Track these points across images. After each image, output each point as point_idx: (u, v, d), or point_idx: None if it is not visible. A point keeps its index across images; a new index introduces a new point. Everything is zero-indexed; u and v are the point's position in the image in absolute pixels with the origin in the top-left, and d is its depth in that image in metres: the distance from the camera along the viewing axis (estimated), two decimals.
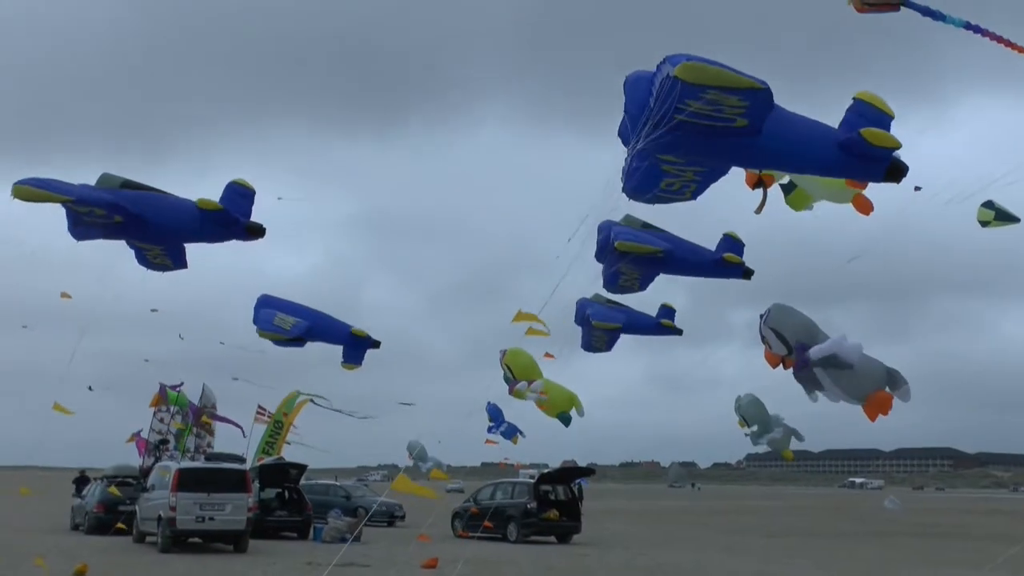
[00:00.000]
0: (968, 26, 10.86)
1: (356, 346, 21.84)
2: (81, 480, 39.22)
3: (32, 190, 15.76)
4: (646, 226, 19.40)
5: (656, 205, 13.93)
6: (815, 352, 14.78)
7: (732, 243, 19.47)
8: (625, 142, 12.75)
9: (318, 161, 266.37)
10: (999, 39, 10.75)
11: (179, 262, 18.23)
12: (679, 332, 22.90)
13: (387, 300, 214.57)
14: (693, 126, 11.54)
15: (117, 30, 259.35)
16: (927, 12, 10.91)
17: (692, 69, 11.17)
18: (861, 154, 12.16)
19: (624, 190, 13.26)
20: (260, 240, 17.62)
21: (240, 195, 17.25)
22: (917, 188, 16.50)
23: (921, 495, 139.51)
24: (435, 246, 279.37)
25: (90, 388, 34.09)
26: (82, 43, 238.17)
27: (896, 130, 12.34)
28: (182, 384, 41.49)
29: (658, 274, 19.96)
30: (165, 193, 17.24)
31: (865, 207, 16.33)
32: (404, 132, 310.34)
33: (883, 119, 12.69)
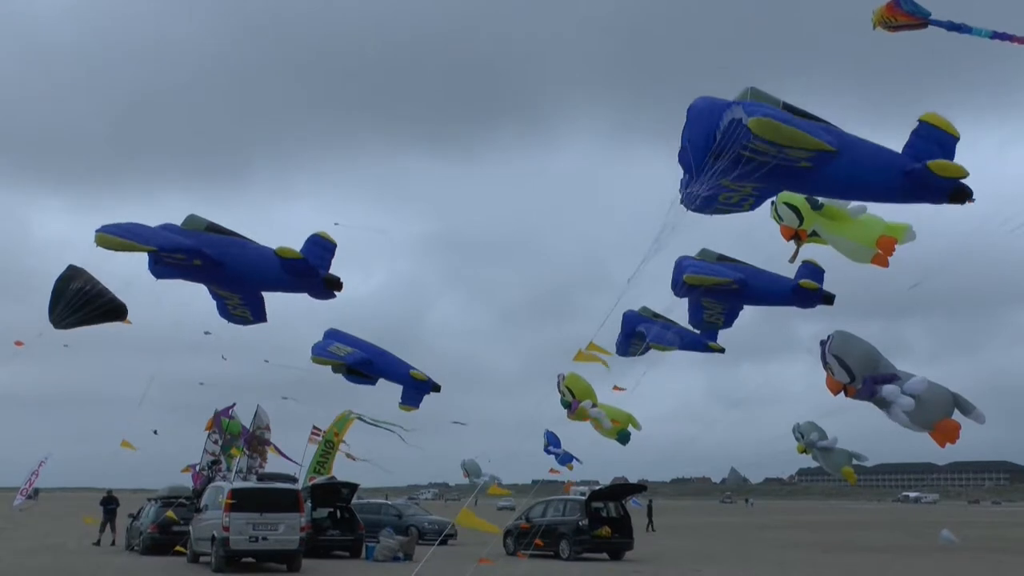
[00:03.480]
0: (995, 35, 10.91)
1: (416, 388, 21.94)
2: (108, 500, 39.03)
3: (115, 239, 15.72)
4: (721, 258, 19.39)
5: (715, 216, 14.04)
6: (887, 393, 14.65)
7: (812, 270, 19.36)
8: (686, 169, 12.87)
9: (398, 179, 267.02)
10: None
11: (259, 315, 18.32)
12: (721, 351, 22.80)
13: (454, 320, 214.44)
14: (757, 162, 11.72)
15: (198, 49, 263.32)
16: (953, 27, 11.06)
17: (767, 127, 11.31)
18: (928, 184, 12.21)
19: (682, 202, 13.38)
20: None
21: (321, 247, 17.34)
22: (971, 200, 16.39)
23: (977, 509, 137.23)
24: (508, 265, 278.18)
25: (155, 432, 34.57)
26: (164, 63, 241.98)
27: (979, 143, 12.43)
28: (234, 405, 41.90)
29: (741, 307, 19.97)
30: (248, 240, 17.35)
31: (883, 263, 16.53)
32: (487, 151, 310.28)
33: (949, 141, 12.66)
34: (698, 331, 21.11)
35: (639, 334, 21.57)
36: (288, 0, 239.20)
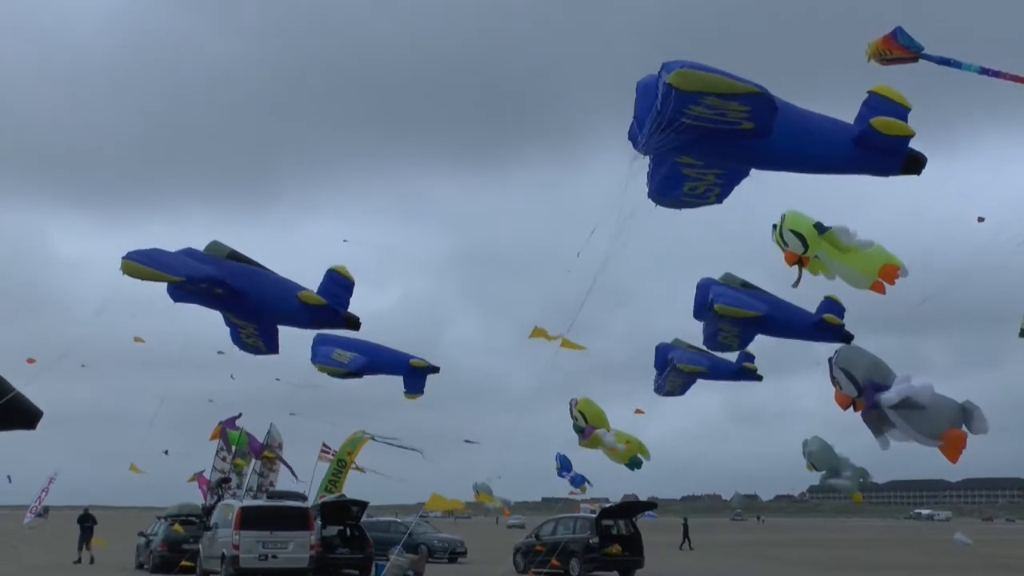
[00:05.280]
0: (983, 71, 11.06)
1: (416, 375, 21.94)
2: (84, 518, 38.54)
3: (142, 268, 15.57)
4: (745, 285, 19.31)
5: (683, 210, 13.92)
6: (886, 400, 14.55)
7: (832, 305, 19.32)
8: (635, 144, 12.85)
9: (421, 197, 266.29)
10: (1016, 79, 10.99)
11: (272, 346, 18.24)
12: (759, 378, 22.69)
13: (471, 337, 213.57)
14: (699, 129, 11.61)
15: (224, 66, 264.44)
16: (943, 61, 11.26)
17: (685, 76, 11.21)
18: (876, 147, 12.14)
19: (649, 194, 13.31)
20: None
21: (340, 285, 17.31)
22: (980, 219, 16.42)
23: (991, 526, 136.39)
24: (527, 283, 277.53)
25: (166, 452, 34.53)
26: (190, 81, 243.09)
27: (1003, 156, 12.51)
28: (240, 415, 41.71)
29: (757, 333, 19.89)
30: (269, 271, 17.31)
31: (880, 290, 16.58)
32: (513, 169, 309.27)
33: (899, 111, 12.57)
34: (717, 353, 21.02)
35: (669, 360, 21.52)
36: (317, 18, 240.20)
